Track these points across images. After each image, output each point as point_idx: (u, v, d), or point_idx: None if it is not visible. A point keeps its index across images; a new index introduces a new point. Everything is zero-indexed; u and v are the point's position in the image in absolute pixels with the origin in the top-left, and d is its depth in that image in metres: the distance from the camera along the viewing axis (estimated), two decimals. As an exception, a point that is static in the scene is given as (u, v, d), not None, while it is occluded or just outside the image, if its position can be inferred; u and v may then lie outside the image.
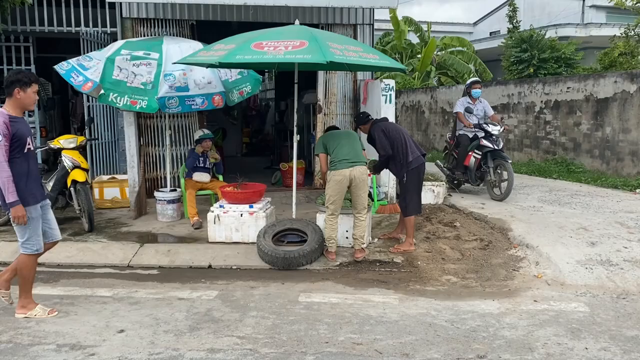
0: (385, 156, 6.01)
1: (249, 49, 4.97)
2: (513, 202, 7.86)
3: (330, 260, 5.65)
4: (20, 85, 4.01)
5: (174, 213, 7.26)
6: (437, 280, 5.24)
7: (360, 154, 5.72)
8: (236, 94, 7.09)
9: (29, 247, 4.15)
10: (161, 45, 6.72)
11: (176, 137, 8.20)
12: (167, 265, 5.72)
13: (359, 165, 5.62)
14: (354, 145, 5.73)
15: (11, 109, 4.03)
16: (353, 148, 5.69)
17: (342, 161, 5.59)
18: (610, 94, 10.04)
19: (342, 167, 5.56)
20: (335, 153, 5.68)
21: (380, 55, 5.47)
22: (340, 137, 5.84)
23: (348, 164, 5.57)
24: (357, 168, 5.59)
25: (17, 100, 4.03)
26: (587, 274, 5.15)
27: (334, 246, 5.71)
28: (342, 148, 5.64)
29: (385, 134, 5.97)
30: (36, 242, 4.17)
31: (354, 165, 5.58)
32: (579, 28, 20.10)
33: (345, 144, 5.70)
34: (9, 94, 4.03)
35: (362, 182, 5.63)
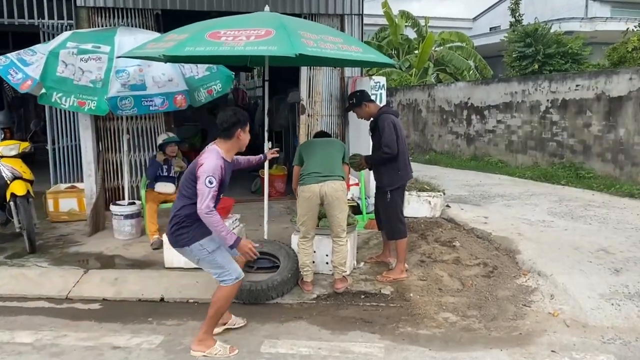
0: (389, 155, 4.94)
1: (203, 39, 4.06)
2: (520, 215, 6.97)
3: (305, 292, 4.75)
4: None
5: (133, 229, 6.35)
6: (432, 319, 4.34)
7: (336, 167, 4.79)
8: (203, 93, 6.18)
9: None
10: (114, 37, 5.81)
11: (138, 142, 7.26)
12: (112, 298, 4.81)
13: (332, 180, 4.69)
14: (330, 157, 4.82)
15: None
16: (327, 159, 4.79)
17: (311, 175, 4.70)
18: (624, 92, 9.15)
19: (310, 182, 4.68)
20: (305, 165, 4.79)
21: (364, 47, 4.56)
22: (315, 146, 4.95)
23: (318, 178, 4.67)
24: (329, 184, 4.66)
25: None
26: (614, 312, 4.25)
27: (309, 275, 4.81)
28: (314, 159, 4.74)
29: (395, 129, 4.96)
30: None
31: (326, 180, 4.67)
32: (583, 22, 19.18)
33: (319, 154, 4.80)
34: None
35: (337, 200, 4.69)
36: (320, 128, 7.89)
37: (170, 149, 6.33)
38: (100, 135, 7.09)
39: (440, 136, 14.98)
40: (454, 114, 14.25)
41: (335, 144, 5.07)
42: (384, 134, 4.91)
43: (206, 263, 3.75)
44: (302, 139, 7.81)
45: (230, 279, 3.69)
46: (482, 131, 13.10)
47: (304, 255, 4.82)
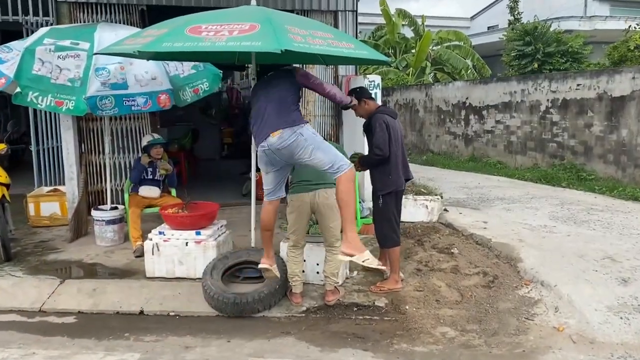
0: (380, 157, 4.67)
1: (183, 35, 3.76)
2: (520, 220, 6.69)
3: (294, 304, 4.46)
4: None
5: (115, 236, 6.05)
6: (429, 334, 4.05)
7: (329, 177, 4.48)
8: (189, 92, 5.87)
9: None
10: (93, 33, 5.50)
11: (122, 143, 6.96)
12: (89, 310, 4.51)
13: (324, 188, 4.41)
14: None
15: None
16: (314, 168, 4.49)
17: (302, 183, 4.44)
18: (627, 91, 8.88)
19: (300, 191, 4.44)
20: (295, 171, 4.50)
21: (356, 43, 4.26)
22: None
23: (309, 186, 4.41)
24: (320, 192, 4.40)
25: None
26: (624, 327, 3.97)
27: (299, 286, 4.52)
28: (304, 165, 4.45)
29: (388, 129, 4.67)
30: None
31: (317, 188, 4.40)
32: (582, 21, 18.94)
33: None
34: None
35: (330, 210, 4.41)
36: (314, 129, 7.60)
37: (155, 151, 6.04)
38: (83, 136, 6.81)
39: (438, 137, 14.70)
40: (452, 114, 13.97)
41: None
42: (375, 134, 4.65)
43: (321, 151, 3.84)
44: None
45: (345, 162, 3.83)
46: (481, 131, 12.83)
47: (294, 264, 4.54)
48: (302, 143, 3.89)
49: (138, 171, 6.00)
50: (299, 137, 3.91)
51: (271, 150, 3.98)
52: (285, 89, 4.18)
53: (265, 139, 3.96)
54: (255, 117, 4.15)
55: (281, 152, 3.97)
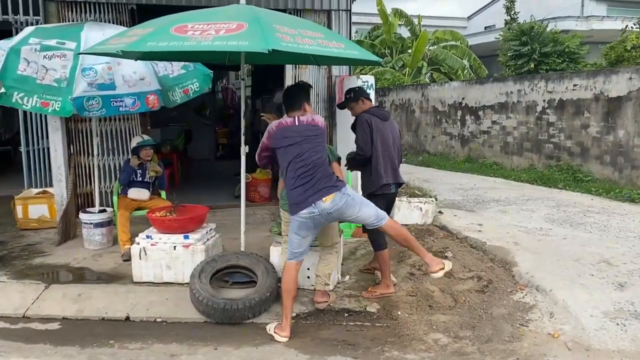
0: (361, 157, 4.66)
1: (168, 34, 3.67)
2: (516, 222, 6.61)
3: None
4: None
5: (103, 239, 5.94)
6: (421, 340, 3.95)
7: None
8: (179, 93, 5.77)
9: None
10: (80, 32, 5.39)
11: (112, 144, 6.84)
12: (73, 317, 4.40)
13: None
14: None
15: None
16: None
17: None
18: (623, 92, 8.81)
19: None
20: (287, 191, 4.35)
21: (347, 43, 4.17)
22: None
23: None
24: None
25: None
26: (620, 333, 3.87)
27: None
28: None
29: (370, 129, 4.60)
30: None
31: None
32: (579, 21, 18.89)
33: None
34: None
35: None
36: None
37: (145, 153, 5.93)
38: (72, 137, 6.69)
39: (434, 137, 14.62)
40: (448, 115, 13.89)
41: None
42: (357, 133, 4.67)
43: (365, 206, 3.98)
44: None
45: (384, 215, 4.06)
46: (477, 132, 12.75)
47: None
48: (351, 202, 3.93)
49: (127, 173, 5.89)
50: (347, 197, 3.91)
51: (321, 215, 3.88)
52: (322, 147, 4.03)
53: (315, 204, 3.83)
54: (298, 176, 3.87)
55: (332, 215, 3.92)
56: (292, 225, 3.99)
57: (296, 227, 3.94)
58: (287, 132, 3.96)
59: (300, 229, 3.94)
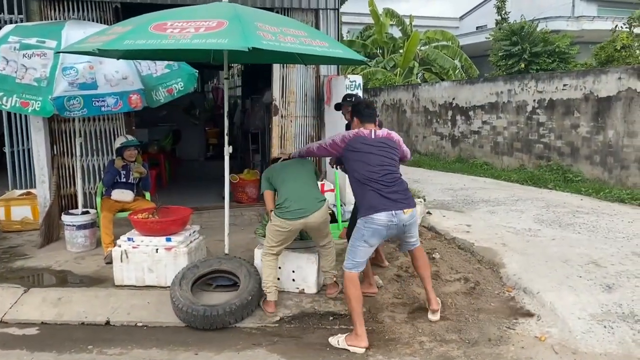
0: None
1: (146, 32, 3.58)
2: (505, 223, 6.56)
3: (268, 313, 4.27)
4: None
5: (86, 241, 5.84)
6: (407, 344, 3.88)
7: (317, 192, 4.48)
8: (162, 93, 5.67)
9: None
10: (61, 30, 5.30)
11: (96, 145, 6.73)
12: (53, 321, 4.30)
13: (316, 211, 4.29)
14: (307, 185, 4.44)
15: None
16: (305, 189, 4.39)
17: (291, 209, 4.23)
18: (613, 92, 8.79)
19: (291, 218, 4.23)
20: (282, 196, 4.33)
21: (330, 42, 4.10)
22: (286, 173, 4.48)
23: (299, 211, 4.24)
24: (315, 215, 4.29)
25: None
26: (607, 336, 3.82)
27: (273, 294, 4.33)
28: (291, 191, 4.32)
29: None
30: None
31: (308, 214, 4.26)
32: (570, 21, 18.90)
33: (294, 184, 4.37)
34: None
35: (323, 224, 4.44)
36: (295, 130, 7.44)
37: (129, 153, 5.82)
38: (55, 137, 6.57)
39: (425, 137, 14.58)
40: (439, 115, 13.85)
41: (306, 165, 4.63)
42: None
43: (415, 226, 4.17)
44: (274, 142, 7.36)
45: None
46: (467, 132, 12.72)
47: (270, 270, 4.34)
48: (416, 222, 4.19)
49: (111, 174, 5.78)
50: (416, 216, 4.13)
51: (397, 226, 3.87)
52: (398, 161, 4.22)
53: (395, 213, 3.83)
54: (375, 180, 3.88)
55: (405, 227, 3.96)
56: (360, 233, 3.87)
57: (369, 235, 3.84)
58: (365, 141, 4.00)
59: (372, 237, 3.86)
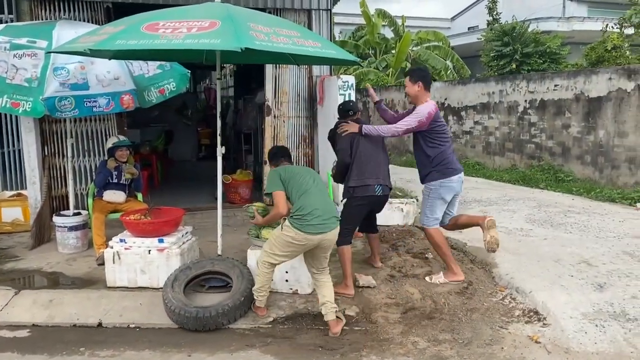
0: (342, 165, 4.76)
1: (138, 32, 3.58)
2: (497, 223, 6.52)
3: (260, 316, 4.25)
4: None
5: (78, 242, 5.80)
6: (400, 344, 3.89)
7: (332, 204, 4.24)
8: (155, 93, 5.65)
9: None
10: (52, 30, 5.27)
11: (88, 146, 6.69)
12: (44, 323, 4.27)
13: (335, 227, 4.04)
14: (324, 192, 4.20)
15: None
16: (324, 197, 4.13)
17: (312, 219, 3.90)
18: (603, 92, 8.85)
19: (311, 231, 3.89)
20: (301, 203, 3.97)
21: (323, 42, 4.10)
22: (302, 177, 4.12)
23: (321, 226, 3.93)
24: (333, 232, 4.04)
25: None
26: (599, 335, 3.84)
27: (264, 300, 4.25)
28: (311, 198, 3.98)
29: (351, 141, 4.74)
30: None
31: (329, 228, 3.97)
32: (561, 22, 19.03)
33: (314, 191, 4.05)
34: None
35: (330, 244, 4.11)
36: (287, 130, 7.43)
37: (120, 154, 5.79)
38: (46, 138, 6.53)
39: (417, 137, 14.59)
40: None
41: (318, 176, 4.37)
42: (337, 143, 4.91)
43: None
44: (267, 142, 7.35)
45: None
46: (459, 132, 12.76)
47: (264, 278, 4.12)
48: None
49: (103, 175, 5.75)
50: None
51: (460, 184, 4.80)
52: None
53: (461, 173, 4.79)
54: (450, 146, 4.77)
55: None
56: (438, 192, 4.69)
57: (445, 192, 4.70)
58: (439, 114, 4.77)
59: (448, 193, 4.73)
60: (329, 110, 6.84)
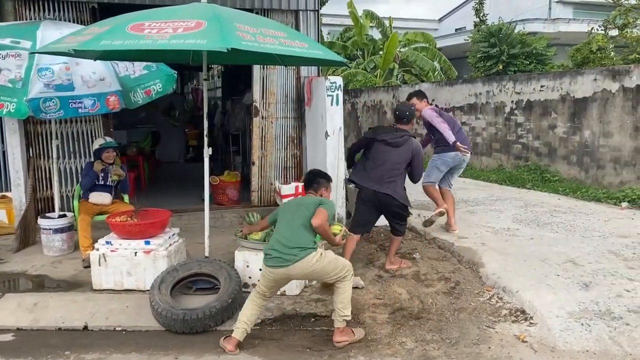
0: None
1: (123, 32, 3.55)
2: (484, 223, 6.62)
3: (227, 351, 3.73)
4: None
5: (64, 245, 5.75)
6: (388, 345, 3.89)
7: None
8: (141, 94, 5.61)
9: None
10: (36, 31, 5.22)
11: (73, 147, 6.62)
12: (29, 327, 4.22)
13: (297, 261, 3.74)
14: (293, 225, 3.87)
15: None
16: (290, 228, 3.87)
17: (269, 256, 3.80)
18: (589, 93, 8.93)
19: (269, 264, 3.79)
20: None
21: (310, 43, 4.10)
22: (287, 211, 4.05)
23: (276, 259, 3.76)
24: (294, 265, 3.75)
25: None
26: (585, 334, 3.87)
27: (240, 332, 3.79)
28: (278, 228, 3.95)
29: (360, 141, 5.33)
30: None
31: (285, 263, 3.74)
32: (547, 23, 19.20)
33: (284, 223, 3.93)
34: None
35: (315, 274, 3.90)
36: (275, 131, 7.42)
37: (107, 155, 5.75)
38: (31, 140, 6.46)
39: (405, 138, 14.63)
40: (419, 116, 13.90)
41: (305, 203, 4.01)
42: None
43: None
44: (255, 143, 7.34)
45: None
46: (447, 133, 12.78)
47: (250, 304, 3.86)
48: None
49: (90, 178, 5.69)
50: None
51: (453, 160, 6.03)
52: None
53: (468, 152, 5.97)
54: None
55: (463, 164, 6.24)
56: (435, 163, 6.08)
57: (441, 164, 6.06)
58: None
59: (443, 165, 6.06)
60: (317, 111, 6.84)
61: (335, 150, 6.48)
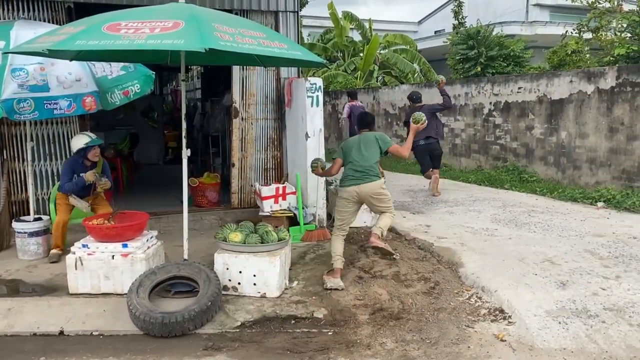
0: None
1: (99, 32, 3.50)
2: (463, 223, 6.67)
3: (332, 280, 4.80)
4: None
5: (39, 249, 5.64)
6: (368, 346, 3.89)
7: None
8: (118, 95, 5.53)
9: None
10: (9, 30, 5.12)
11: (49, 149, 6.49)
12: (2, 333, 4.13)
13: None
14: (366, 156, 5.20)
15: None
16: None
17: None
18: (565, 94, 9.07)
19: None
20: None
21: (289, 44, 4.09)
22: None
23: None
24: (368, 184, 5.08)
25: None
26: (562, 332, 3.93)
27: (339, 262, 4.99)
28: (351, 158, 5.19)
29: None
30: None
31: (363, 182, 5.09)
32: (524, 26, 19.46)
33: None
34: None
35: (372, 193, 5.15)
36: (255, 132, 7.38)
37: (93, 153, 5.62)
38: (5, 142, 6.32)
39: (386, 139, 14.70)
40: (399, 117, 14.01)
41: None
42: None
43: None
44: (235, 145, 7.29)
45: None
46: (427, 134, 12.88)
47: (340, 243, 5.12)
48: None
49: (75, 185, 5.52)
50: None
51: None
52: None
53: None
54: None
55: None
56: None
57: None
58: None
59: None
60: (297, 112, 6.83)
61: (316, 152, 6.47)
